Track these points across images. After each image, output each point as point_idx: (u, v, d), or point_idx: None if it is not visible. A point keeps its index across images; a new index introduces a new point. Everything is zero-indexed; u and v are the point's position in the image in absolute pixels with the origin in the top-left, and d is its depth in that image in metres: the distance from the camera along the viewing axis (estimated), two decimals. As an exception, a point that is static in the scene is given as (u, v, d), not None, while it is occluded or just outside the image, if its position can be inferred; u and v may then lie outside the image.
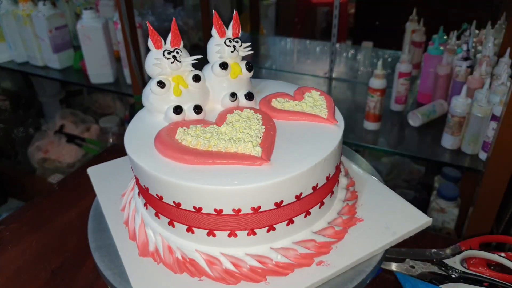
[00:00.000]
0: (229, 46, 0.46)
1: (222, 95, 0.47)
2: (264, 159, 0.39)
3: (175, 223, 0.41)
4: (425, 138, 0.99)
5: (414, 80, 1.21)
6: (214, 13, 0.46)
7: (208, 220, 0.39)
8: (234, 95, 0.47)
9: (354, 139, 1.00)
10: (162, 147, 0.41)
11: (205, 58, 0.48)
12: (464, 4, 1.36)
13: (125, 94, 1.34)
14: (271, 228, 0.40)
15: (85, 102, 1.83)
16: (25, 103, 1.73)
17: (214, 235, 0.40)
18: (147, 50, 0.45)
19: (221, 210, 0.38)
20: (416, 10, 1.23)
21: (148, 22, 0.45)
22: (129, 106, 1.68)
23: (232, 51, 0.46)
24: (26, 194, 1.64)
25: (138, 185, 0.45)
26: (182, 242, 0.42)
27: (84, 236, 0.49)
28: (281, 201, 0.39)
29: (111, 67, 1.31)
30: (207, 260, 0.40)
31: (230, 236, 0.40)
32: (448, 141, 0.92)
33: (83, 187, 0.69)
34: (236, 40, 0.46)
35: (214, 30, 0.46)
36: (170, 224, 0.42)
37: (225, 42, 0.46)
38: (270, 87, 0.53)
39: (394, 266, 0.53)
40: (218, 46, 0.46)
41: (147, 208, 0.45)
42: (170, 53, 0.44)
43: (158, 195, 0.41)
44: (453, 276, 0.51)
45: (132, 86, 1.22)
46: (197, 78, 0.45)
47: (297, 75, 1.40)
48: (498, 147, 0.73)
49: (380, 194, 0.50)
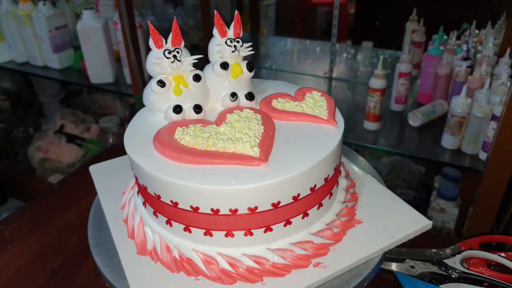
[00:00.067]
0: (230, 46, 0.46)
1: (222, 95, 0.47)
2: (262, 160, 0.38)
3: (173, 222, 0.41)
4: (425, 138, 0.99)
5: (414, 80, 1.21)
6: (215, 13, 0.46)
7: (205, 219, 0.39)
8: (234, 95, 0.47)
9: (354, 139, 1.00)
10: (160, 146, 0.41)
11: (205, 58, 0.48)
12: (464, 4, 1.35)
13: (125, 94, 1.34)
14: (268, 228, 0.40)
15: (85, 102, 1.83)
16: (25, 103, 1.73)
17: (211, 235, 0.40)
18: (147, 50, 0.45)
19: (218, 210, 0.38)
20: (416, 10, 1.23)
21: (149, 21, 0.45)
22: (129, 106, 1.68)
23: (233, 51, 0.46)
24: (26, 194, 1.64)
25: (137, 183, 0.45)
26: (180, 241, 0.42)
27: (84, 236, 0.49)
28: (278, 201, 0.39)
29: (111, 67, 1.31)
30: (204, 259, 0.40)
31: (227, 236, 0.40)
32: (448, 141, 0.92)
33: (83, 187, 0.69)
34: (237, 40, 0.46)
35: (215, 30, 0.47)
36: (167, 223, 0.42)
37: (226, 42, 0.46)
38: (272, 88, 0.53)
39: (394, 266, 0.53)
40: (219, 46, 0.46)
41: (146, 206, 0.45)
42: (170, 52, 0.44)
43: (156, 194, 0.41)
44: (453, 276, 0.51)
45: (132, 86, 1.22)
46: (197, 78, 0.45)
47: (297, 75, 1.40)
48: (498, 147, 0.73)
49: (380, 196, 0.50)
